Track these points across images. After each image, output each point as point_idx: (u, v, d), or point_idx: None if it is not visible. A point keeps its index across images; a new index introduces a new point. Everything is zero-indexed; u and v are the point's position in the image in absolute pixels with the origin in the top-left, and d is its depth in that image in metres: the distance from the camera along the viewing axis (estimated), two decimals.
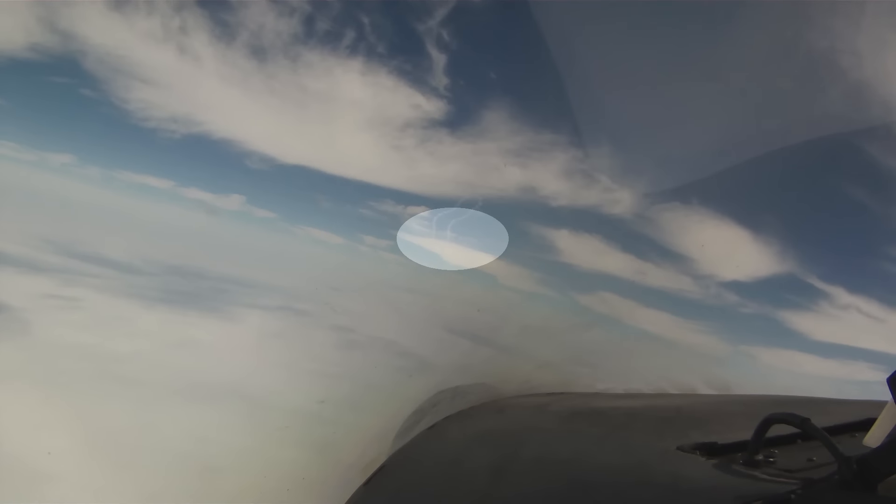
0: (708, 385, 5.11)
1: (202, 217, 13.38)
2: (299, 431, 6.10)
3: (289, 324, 9.16)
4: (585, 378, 5.54)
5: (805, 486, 1.61)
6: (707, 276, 10.34)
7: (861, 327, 11.43)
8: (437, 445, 3.52)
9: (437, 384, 5.45)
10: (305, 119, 11.62)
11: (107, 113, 13.17)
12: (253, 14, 10.51)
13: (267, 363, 6.79)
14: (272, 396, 6.21)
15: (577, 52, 10.00)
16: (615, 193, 10.79)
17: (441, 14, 10.92)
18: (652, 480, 2.01)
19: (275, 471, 5.44)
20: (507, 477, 2.44)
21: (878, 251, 10.24)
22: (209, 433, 5.72)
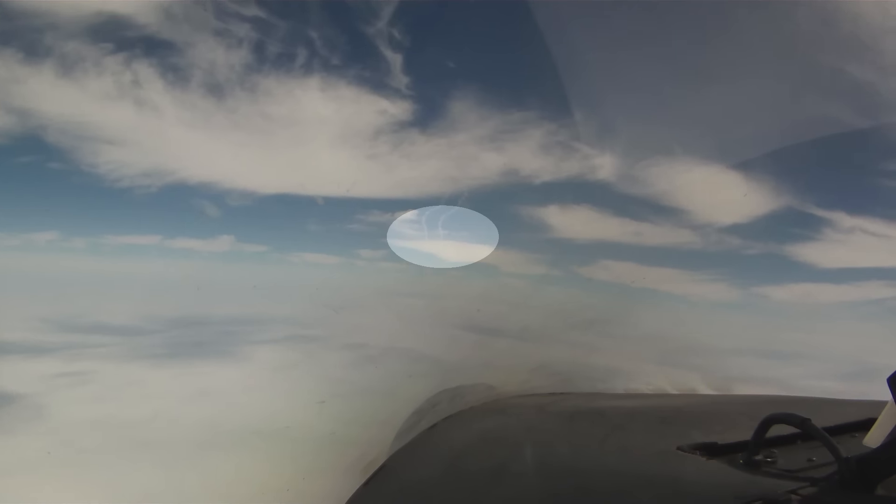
0: (708, 385, 5.23)
1: (195, 265, 13.30)
2: (299, 431, 6.13)
3: (300, 352, 9.10)
4: (585, 378, 5.55)
5: (805, 486, 1.65)
6: (705, 225, 10.29)
7: (868, 247, 11.42)
8: (437, 446, 3.61)
9: (437, 384, 5.46)
10: (276, 147, 11.56)
11: (80, 182, 13.07)
12: (202, 52, 10.38)
13: (285, 396, 6.75)
14: (295, 428, 6.22)
15: (532, 24, 9.93)
16: (596, 159, 10.74)
17: (388, 13, 10.82)
18: (652, 481, 2.05)
19: (275, 471, 5.46)
20: (508, 477, 2.50)
21: (872, 169, 10.19)
22: (240, 476, 5.75)
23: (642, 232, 9.58)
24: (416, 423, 4.33)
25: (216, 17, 10.11)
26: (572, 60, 9.74)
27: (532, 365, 6.24)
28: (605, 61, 9.21)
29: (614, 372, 7.25)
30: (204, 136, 11.62)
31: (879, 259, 11.49)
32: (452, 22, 10.80)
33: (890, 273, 11.39)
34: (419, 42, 11.36)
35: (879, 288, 11.47)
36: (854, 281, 11.57)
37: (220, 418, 6.25)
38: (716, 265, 10.58)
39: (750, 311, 11.13)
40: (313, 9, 10.63)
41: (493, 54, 10.70)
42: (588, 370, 5.84)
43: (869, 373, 9.76)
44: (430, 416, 4.36)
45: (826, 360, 10.15)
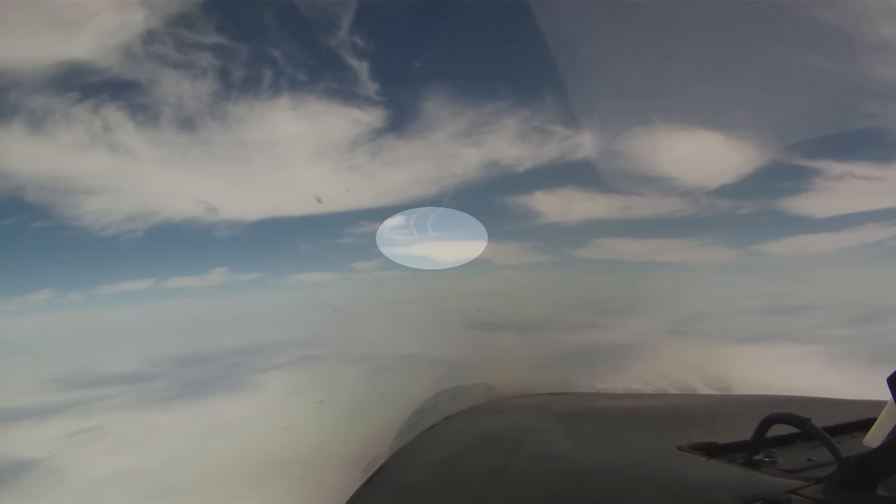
0: (708, 385, 5.22)
1: (192, 302, 13.22)
2: (299, 431, 6.12)
3: (310, 373, 9.07)
4: (585, 378, 5.54)
5: (805, 486, 1.66)
6: (693, 190, 10.26)
7: (861, 191, 11.41)
8: (436, 445, 3.69)
9: (437, 384, 5.45)
10: (255, 172, 11.47)
11: (66, 236, 12.94)
12: (167, 88, 10.28)
13: (302, 419, 6.72)
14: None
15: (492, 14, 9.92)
16: (575, 139, 10.70)
17: (347, 21, 10.76)
18: (652, 481, 2.07)
19: (275, 471, 5.45)
20: (507, 477, 2.53)
21: (852, 112, 10.16)
22: (241, 476, 5.77)
23: (631, 205, 9.56)
24: (415, 423, 4.43)
25: (177, 50, 10.04)
26: (537, 44, 9.70)
27: (534, 361, 6.22)
28: (570, 39, 9.18)
29: (623, 349, 7.25)
30: (182, 172, 11.55)
31: (873, 202, 11.49)
32: (413, 22, 10.76)
33: (885, 215, 11.38)
34: (382, 46, 11.31)
35: (876, 230, 11.46)
36: (850, 227, 11.55)
37: (241, 452, 6.22)
38: (710, 229, 10.56)
39: (751, 270, 11.12)
40: (272, 27, 10.58)
41: (457, 49, 10.66)
42: (588, 369, 5.84)
43: (877, 315, 9.78)
44: (429, 416, 4.48)
45: (833, 308, 10.15)
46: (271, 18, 10.82)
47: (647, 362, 6.88)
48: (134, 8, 9.22)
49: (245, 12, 10.55)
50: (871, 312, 9.93)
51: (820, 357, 8.15)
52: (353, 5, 10.89)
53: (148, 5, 9.17)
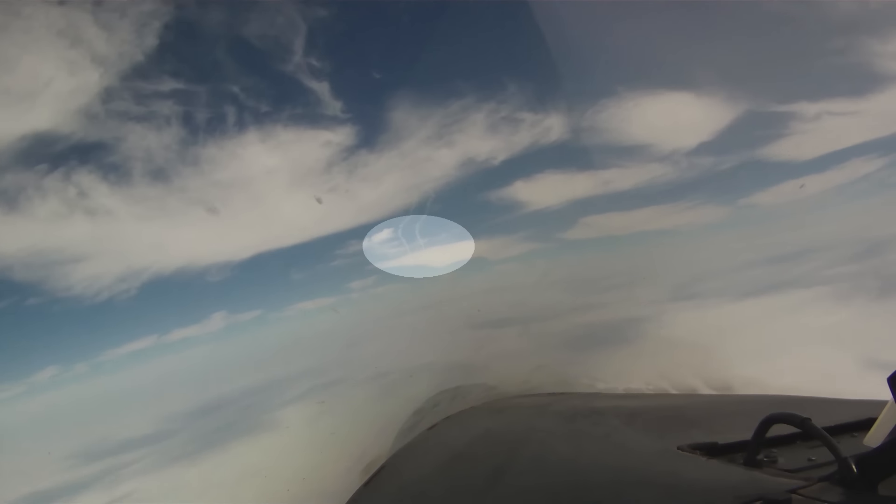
0: (709, 385, 5.24)
1: (197, 351, 13.18)
2: (300, 431, 6.06)
3: (327, 400, 8.98)
4: (585, 378, 5.55)
5: (805, 485, 1.63)
6: (672, 153, 10.22)
7: (840, 127, 11.35)
8: (437, 445, 3.65)
9: (437, 384, 5.41)
10: (237, 211, 11.44)
11: (61, 309, 12.92)
12: (133, 141, 10.27)
13: (325, 449, 6.64)
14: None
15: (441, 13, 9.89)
16: (544, 122, 10.69)
17: (299, 45, 10.71)
18: (652, 480, 2.04)
19: (275, 471, 5.41)
20: (508, 477, 2.50)
21: (817, 50, 10.09)
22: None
23: (612, 179, 9.53)
24: (416, 423, 4.48)
25: (137, 104, 9.99)
26: (491, 36, 9.69)
27: (542, 352, 6.19)
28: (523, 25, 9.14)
29: (631, 323, 7.19)
30: (164, 224, 11.50)
31: (854, 136, 11.43)
32: (366, 34, 10.72)
33: (868, 147, 11.34)
34: (338, 63, 11.26)
35: (862, 165, 11.42)
36: (835, 165, 11.48)
37: (273, 494, 6.15)
38: (696, 190, 10.52)
39: (743, 224, 11.08)
40: (226, 63, 10.53)
41: (413, 54, 10.63)
42: (588, 369, 5.81)
43: (877, 247, 9.72)
44: (430, 416, 4.48)
45: (832, 247, 10.09)
46: (224, 55, 10.76)
47: (659, 332, 6.81)
48: (87, 68, 9.18)
49: (197, 53, 10.50)
50: (871, 245, 9.87)
51: (828, 298, 8.09)
52: (302, 28, 10.84)
53: (100, 63, 9.13)
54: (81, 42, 9.26)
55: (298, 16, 10.88)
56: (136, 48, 9.49)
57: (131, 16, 9.24)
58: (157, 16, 9.41)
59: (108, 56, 9.19)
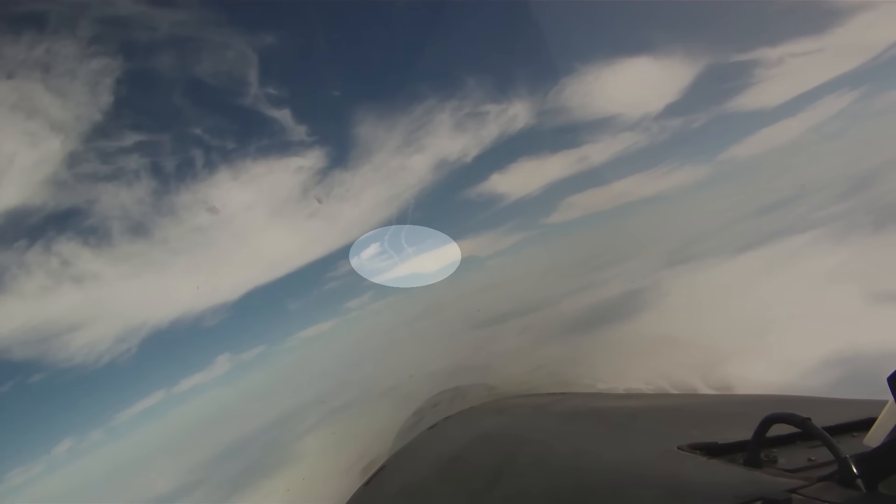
0: (709, 385, 5.22)
1: (208, 396, 13.09)
2: (300, 432, 6.05)
3: (343, 423, 8.89)
4: (585, 378, 5.55)
5: (806, 485, 1.63)
6: (642, 119, 10.18)
7: (804, 68, 11.31)
8: (437, 445, 3.67)
9: (437, 385, 5.39)
10: (222, 252, 11.35)
11: (66, 380, 12.81)
12: (107, 201, 10.18)
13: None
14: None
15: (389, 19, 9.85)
16: (509, 111, 10.66)
17: (253, 76, 10.64)
18: (653, 480, 2.03)
19: (275, 471, 5.41)
20: (508, 477, 2.52)
21: None
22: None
23: (587, 155, 9.49)
24: (416, 424, 4.50)
25: (103, 163, 9.90)
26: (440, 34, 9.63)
27: (540, 352, 6.14)
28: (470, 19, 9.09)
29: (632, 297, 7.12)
30: (152, 278, 11.40)
31: (821, 74, 11.39)
32: (316, 54, 10.62)
33: (837, 83, 11.31)
34: (295, 87, 11.15)
35: (834, 101, 11.39)
36: (807, 105, 11.45)
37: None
38: (672, 153, 10.48)
39: (725, 179, 11.03)
40: (185, 106, 10.43)
41: (367, 65, 10.55)
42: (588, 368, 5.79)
43: (864, 182, 9.69)
44: (430, 417, 4.50)
45: (819, 189, 10.05)
46: (180, 98, 10.66)
47: (661, 301, 6.75)
48: (47, 137, 9.09)
49: (154, 101, 10.42)
50: (858, 181, 9.85)
51: (824, 239, 8.05)
52: (253, 58, 10.76)
53: (60, 129, 9.04)
54: (37, 112, 9.18)
55: (247, 47, 10.82)
56: (93, 108, 9.42)
57: (81, 76, 9.15)
58: (108, 72, 9.33)
59: (66, 121, 9.13)
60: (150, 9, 9.73)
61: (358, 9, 10.08)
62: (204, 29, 10.34)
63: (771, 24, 10.62)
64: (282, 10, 10.80)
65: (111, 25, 9.51)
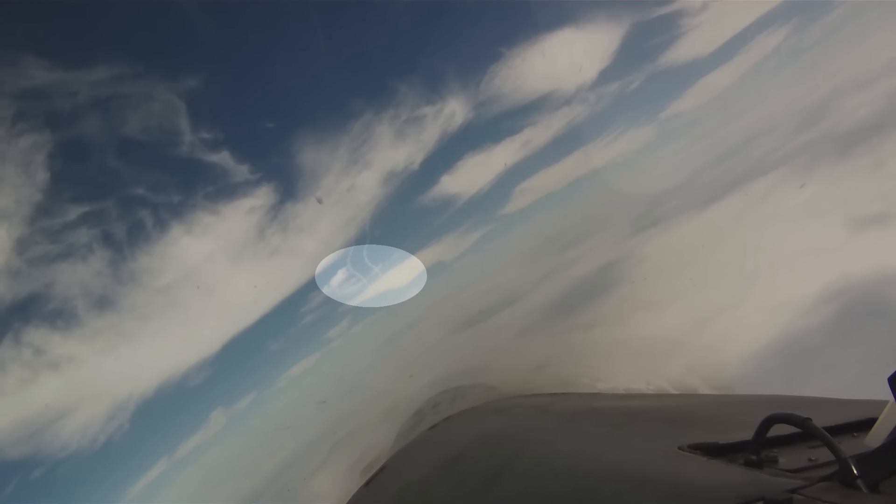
0: (709, 385, 5.20)
1: (211, 454, 12.98)
2: (300, 432, 6.03)
3: (346, 454, 8.78)
4: (585, 378, 5.53)
5: (806, 485, 1.62)
6: (577, 91, 10.16)
7: (732, 9, 11.36)
8: (437, 446, 3.71)
9: (437, 385, 5.34)
10: (192, 307, 11.21)
11: (66, 469, 12.66)
12: (66, 281, 10.02)
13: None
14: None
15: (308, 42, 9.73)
16: (445, 110, 10.64)
17: (185, 124, 10.52)
18: (653, 481, 2.02)
19: (276, 471, 5.42)
20: (509, 477, 2.51)
21: None
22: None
23: (531, 138, 9.44)
24: (416, 424, 4.54)
25: (51, 242, 9.67)
26: (360, 47, 9.49)
27: (533, 332, 6.06)
28: (386, 27, 8.98)
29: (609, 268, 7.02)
30: (128, 349, 11.21)
31: (749, 13, 11.40)
32: (241, 88, 10.44)
33: (767, 20, 11.32)
34: (229, 127, 10.96)
35: (766, 39, 11.40)
36: (742, 47, 11.47)
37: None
38: (614, 119, 10.44)
39: (675, 135, 11.03)
40: (121, 167, 10.20)
41: (293, 90, 10.36)
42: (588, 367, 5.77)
43: (818, 111, 9.66)
44: (430, 417, 4.57)
45: (775, 127, 10.02)
46: (115, 161, 10.43)
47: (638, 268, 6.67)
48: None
49: (88, 169, 10.19)
50: (812, 111, 9.83)
51: (792, 175, 8.01)
52: (180, 105, 10.57)
53: (1, 217, 8.79)
54: None
55: (171, 94, 10.67)
56: (31, 188, 9.23)
57: (12, 157, 8.95)
58: (38, 147, 9.14)
59: (6, 207, 8.91)
60: (65, 73, 9.54)
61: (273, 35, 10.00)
62: (123, 84, 10.17)
63: None
64: (197, 51, 10.70)
65: (30, 99, 9.32)
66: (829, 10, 11.15)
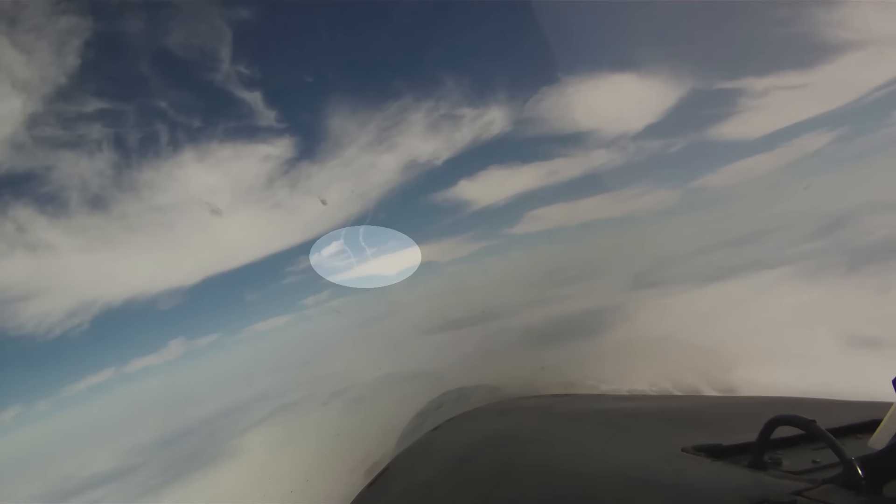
0: (712, 386, 5.18)
1: (158, 379, 12.83)
2: (303, 433, 5.95)
3: (289, 422, 8.70)
4: (589, 379, 5.50)
5: (810, 487, 1.63)
6: (618, 138, 10.04)
7: (789, 102, 11.20)
8: (441, 447, 3.69)
9: (440, 386, 5.29)
10: (181, 235, 11.03)
11: (16, 348, 12.51)
12: (66, 169, 9.83)
13: (292, 473, 6.40)
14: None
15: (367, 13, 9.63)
16: (484, 117, 10.49)
17: (226, 53, 10.29)
18: (657, 482, 2.02)
19: (278, 473, 5.35)
20: (512, 478, 2.52)
21: (763, 21, 9.94)
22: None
23: (558, 169, 9.34)
24: (420, 425, 4.50)
25: (63, 128, 9.55)
26: (421, 31, 9.41)
27: (510, 349, 6.01)
28: (457, 17, 8.89)
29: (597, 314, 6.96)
30: (108, 254, 11.06)
31: (803, 111, 11.31)
32: (293, 36, 10.29)
33: (817, 122, 11.24)
34: (269, 69, 10.77)
35: (812, 140, 11.33)
36: (786, 141, 11.37)
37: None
38: (644, 174, 10.33)
39: (696, 207, 10.93)
40: (152, 77, 10.05)
41: (344, 55, 10.25)
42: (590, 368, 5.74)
43: (838, 222, 9.61)
44: (433, 418, 4.45)
45: (792, 226, 9.96)
46: (147, 67, 10.27)
47: (626, 323, 6.61)
48: (9, 95, 8.73)
49: (119, 67, 10.04)
50: (832, 221, 9.78)
51: (795, 277, 7.95)
52: (227, 33, 10.41)
53: (22, 88, 8.67)
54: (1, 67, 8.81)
55: (221, 20, 10.46)
56: (58, 69, 9.06)
57: (48, 34, 8.80)
58: (76, 32, 8.98)
59: (29, 80, 8.77)
60: None
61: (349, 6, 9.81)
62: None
63: (761, 54, 10.49)
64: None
65: None
66: (879, 128, 11.07)
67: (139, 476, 9.74)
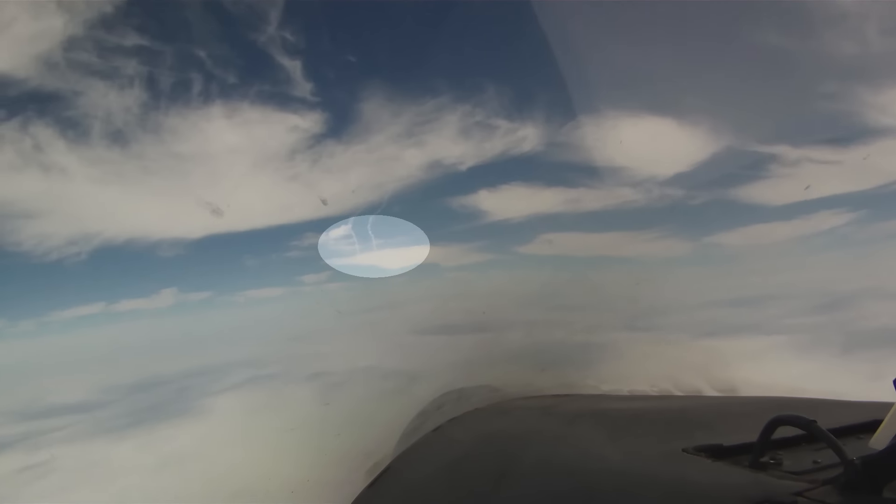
0: (713, 387, 5.28)
1: (143, 324, 12.83)
2: (304, 433, 5.98)
3: (262, 393, 8.75)
4: (589, 380, 5.58)
5: (811, 488, 1.66)
6: (645, 180, 10.02)
7: (817, 176, 11.24)
8: (441, 447, 3.74)
9: (440, 386, 5.32)
10: (194, 187, 11.03)
11: (9, 263, 12.49)
12: (94, 99, 9.78)
13: (257, 442, 6.45)
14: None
15: (427, 7, 9.65)
16: (518, 132, 10.47)
17: (276, 16, 10.28)
18: (657, 483, 2.07)
19: (279, 473, 5.38)
20: (512, 479, 2.55)
21: (808, 92, 9.95)
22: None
23: (580, 198, 9.34)
24: (420, 425, 4.56)
25: (99, 57, 9.56)
26: (475, 37, 9.45)
27: (532, 365, 6.05)
28: (509, 30, 8.94)
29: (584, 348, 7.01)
30: (119, 191, 11.06)
31: (827, 187, 11.34)
32: (345, 14, 10.31)
33: (836, 201, 11.25)
34: (314, 41, 10.72)
35: (828, 218, 11.35)
36: (803, 215, 11.38)
37: (197, 481, 5.94)
38: (662, 221, 10.33)
39: (705, 262, 10.94)
40: (196, 25, 10.04)
41: (392, 42, 10.28)
42: (592, 370, 5.79)
43: (840, 302, 9.63)
44: (434, 418, 4.55)
45: (794, 297, 9.99)
46: (194, 15, 10.28)
47: (612, 361, 6.66)
48: (52, 13, 8.75)
49: (166, 7, 10.04)
50: (834, 300, 9.82)
51: (788, 348, 8.00)
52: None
53: (66, 8, 8.70)
54: None
55: None
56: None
57: None
58: None
59: (75, 2, 8.76)
60: None
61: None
62: None
63: (801, 123, 10.51)
64: None
65: None
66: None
67: (104, 413, 9.81)
